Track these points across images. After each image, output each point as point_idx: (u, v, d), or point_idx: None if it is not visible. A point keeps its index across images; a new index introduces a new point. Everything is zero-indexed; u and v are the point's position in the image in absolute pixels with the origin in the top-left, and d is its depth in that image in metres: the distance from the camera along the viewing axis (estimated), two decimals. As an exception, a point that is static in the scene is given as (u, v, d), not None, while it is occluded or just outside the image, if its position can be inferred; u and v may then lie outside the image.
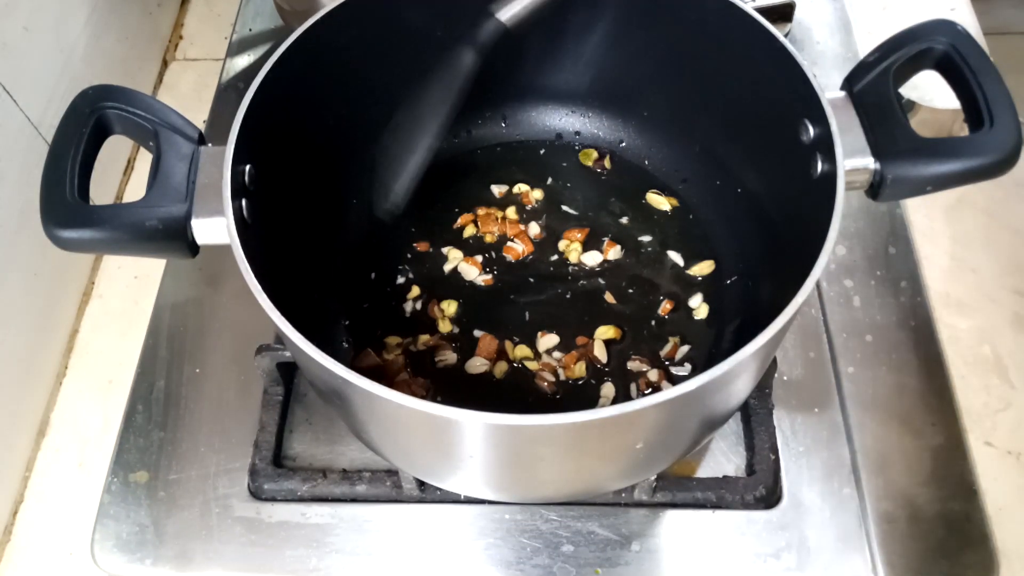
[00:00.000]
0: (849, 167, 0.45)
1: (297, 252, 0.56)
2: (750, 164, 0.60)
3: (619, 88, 0.66)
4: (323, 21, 0.52)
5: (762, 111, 0.54)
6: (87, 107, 0.46)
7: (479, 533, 0.57)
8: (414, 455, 0.50)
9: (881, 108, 0.46)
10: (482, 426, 0.39)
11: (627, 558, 0.56)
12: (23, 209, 0.81)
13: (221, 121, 0.78)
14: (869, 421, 0.60)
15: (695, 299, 0.62)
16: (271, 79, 0.49)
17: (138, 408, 0.63)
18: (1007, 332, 0.70)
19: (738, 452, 0.60)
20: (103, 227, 0.43)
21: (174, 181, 0.45)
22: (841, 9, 0.85)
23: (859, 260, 0.68)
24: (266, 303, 0.41)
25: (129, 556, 0.57)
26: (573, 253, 0.64)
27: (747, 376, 0.46)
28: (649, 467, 0.52)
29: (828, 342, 0.64)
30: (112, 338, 0.91)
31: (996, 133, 0.43)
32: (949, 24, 0.47)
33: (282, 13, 0.83)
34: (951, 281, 0.71)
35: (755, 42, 0.51)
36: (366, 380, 0.38)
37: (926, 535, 0.56)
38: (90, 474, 0.82)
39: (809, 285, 0.41)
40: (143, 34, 1.09)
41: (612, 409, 0.37)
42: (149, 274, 0.82)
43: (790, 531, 0.56)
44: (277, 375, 0.62)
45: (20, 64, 0.82)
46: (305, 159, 0.57)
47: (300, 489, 0.59)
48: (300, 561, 0.56)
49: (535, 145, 0.70)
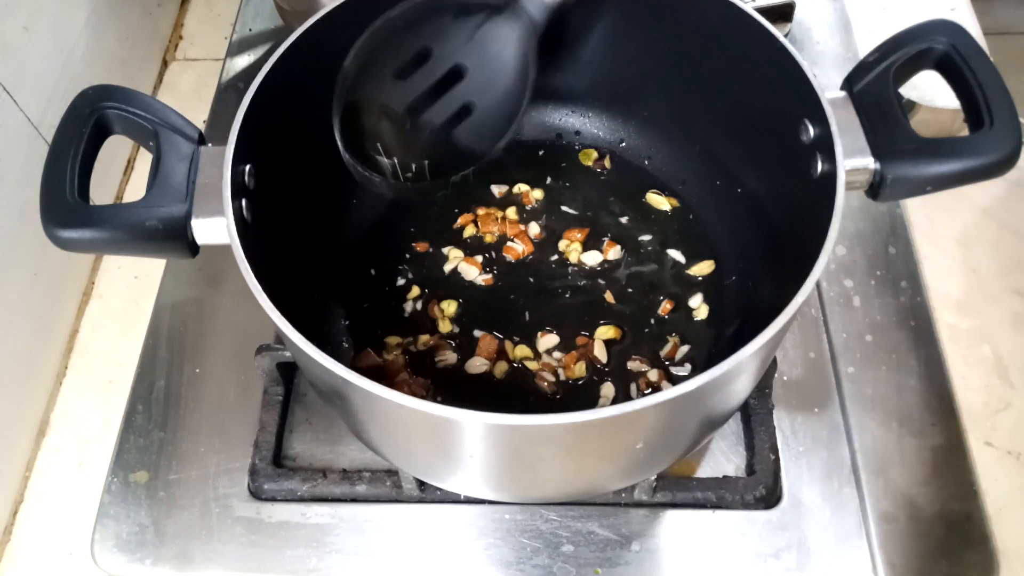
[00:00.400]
0: (849, 167, 0.44)
1: (297, 252, 0.56)
2: (750, 164, 0.60)
3: (619, 88, 0.66)
4: (323, 21, 0.52)
5: (762, 111, 0.54)
6: (87, 107, 0.46)
7: (479, 533, 0.57)
8: (414, 455, 0.50)
9: (881, 108, 0.46)
10: (482, 426, 0.39)
11: (627, 558, 0.56)
12: (23, 209, 0.81)
13: (221, 121, 0.78)
14: (869, 421, 0.60)
15: (695, 299, 0.62)
16: (271, 79, 0.49)
17: (138, 408, 0.63)
18: (1007, 332, 0.70)
19: (738, 452, 0.60)
20: (103, 227, 0.43)
21: (174, 181, 0.45)
22: (841, 9, 0.85)
23: (859, 260, 0.68)
24: (266, 303, 0.41)
25: (129, 556, 0.57)
26: (573, 253, 0.64)
27: (747, 376, 0.46)
28: (649, 467, 0.52)
29: (828, 342, 0.64)
30: (112, 338, 0.91)
31: (996, 133, 0.43)
32: (949, 24, 0.47)
33: (282, 13, 0.83)
34: (951, 281, 0.71)
35: (755, 42, 0.51)
36: (366, 380, 0.38)
37: (926, 535, 0.56)
38: (90, 474, 0.83)
39: (809, 285, 0.41)
40: (143, 34, 1.09)
41: (612, 409, 0.37)
42: (149, 274, 0.82)
43: (790, 531, 0.56)
44: (277, 375, 0.62)
45: (20, 64, 0.82)
46: (305, 159, 0.57)
47: (300, 489, 0.59)
48: (300, 561, 0.56)
49: (535, 145, 0.70)
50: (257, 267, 0.42)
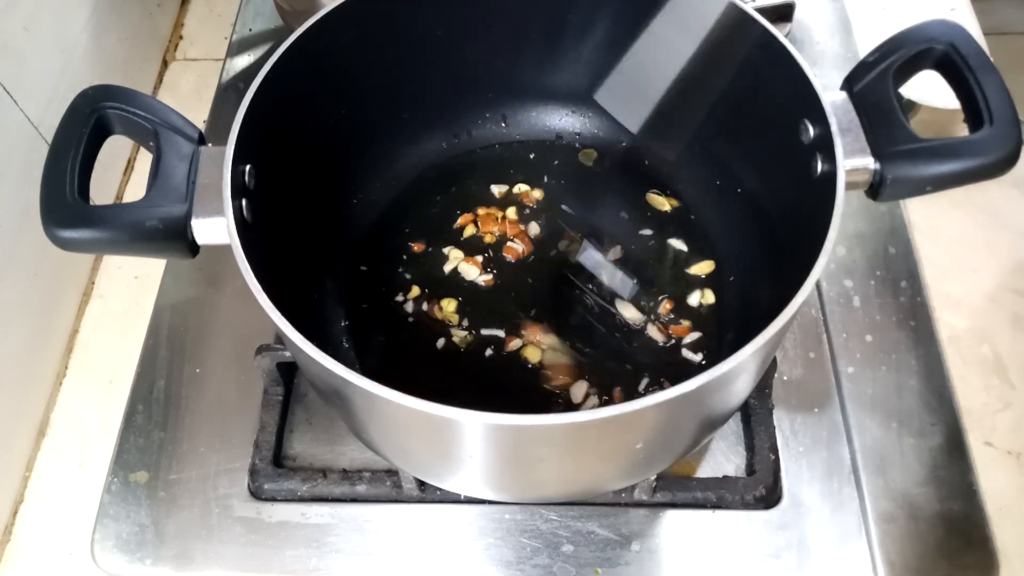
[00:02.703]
0: (849, 167, 0.45)
1: (297, 252, 0.56)
2: (750, 164, 0.60)
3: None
4: (323, 21, 0.52)
5: (762, 111, 0.54)
6: (87, 107, 0.46)
7: (479, 533, 0.57)
8: (414, 455, 0.50)
9: (881, 108, 0.46)
10: (482, 426, 0.39)
11: (627, 558, 0.56)
12: (23, 209, 0.81)
13: (221, 121, 0.78)
14: (869, 421, 0.60)
15: (694, 298, 0.62)
16: (271, 79, 0.49)
17: (138, 408, 0.63)
18: (1007, 332, 0.70)
19: (738, 452, 0.60)
20: (103, 227, 0.43)
21: (174, 181, 0.45)
22: (841, 9, 0.85)
23: (859, 260, 0.68)
24: (266, 303, 0.41)
25: (129, 556, 0.57)
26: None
27: (747, 376, 0.46)
28: (649, 467, 0.52)
29: (828, 342, 0.64)
30: (112, 338, 0.91)
31: (996, 133, 0.43)
32: (949, 24, 0.47)
33: (282, 13, 0.83)
34: (951, 281, 0.72)
35: (755, 42, 0.51)
36: (366, 380, 0.38)
37: (926, 535, 0.56)
38: (90, 474, 0.83)
39: (809, 285, 0.41)
40: (143, 34, 1.09)
41: (612, 409, 0.37)
42: (149, 274, 0.82)
43: (790, 531, 0.56)
44: (277, 375, 0.62)
45: (20, 64, 0.82)
46: (305, 159, 0.57)
47: (300, 489, 0.59)
48: (300, 561, 0.56)
49: (535, 145, 0.70)
50: (257, 267, 0.42)
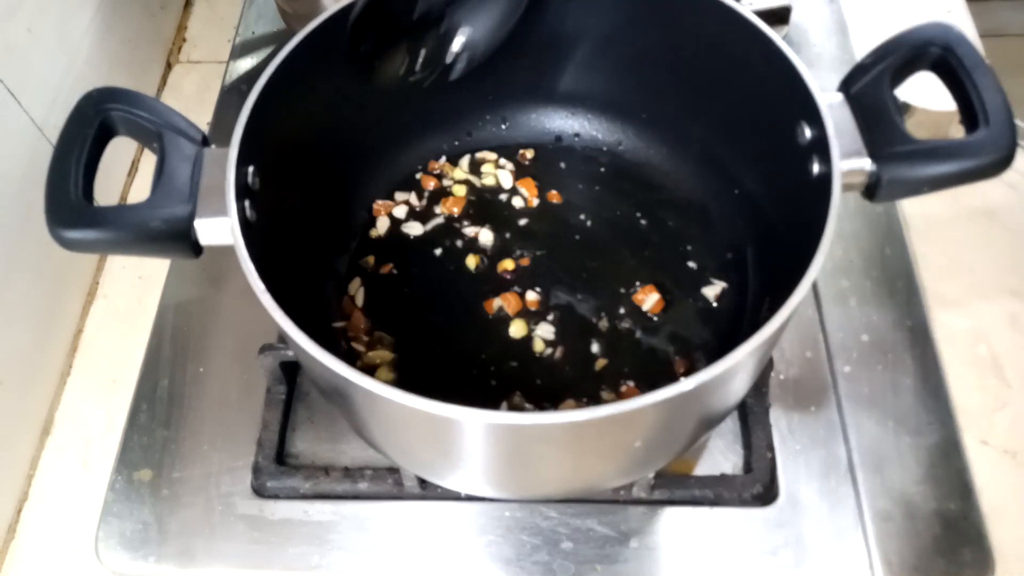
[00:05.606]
0: (845, 168, 0.45)
1: (300, 252, 0.56)
2: (748, 165, 0.60)
3: (618, 90, 0.67)
4: (325, 24, 0.53)
5: (759, 113, 0.54)
6: (91, 109, 0.46)
7: (480, 530, 0.57)
8: (415, 453, 0.51)
9: (877, 110, 0.46)
10: (482, 425, 0.39)
11: (626, 555, 0.56)
12: (27, 210, 0.82)
13: (224, 123, 0.79)
14: (865, 420, 0.61)
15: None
16: (274, 81, 0.50)
17: (142, 407, 0.64)
18: (1003, 332, 0.70)
19: (735, 450, 0.60)
20: (107, 228, 0.43)
21: (178, 182, 0.45)
22: (837, 12, 0.85)
23: (855, 260, 0.68)
24: (269, 303, 0.41)
25: (133, 553, 0.58)
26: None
27: (744, 375, 0.46)
28: (647, 465, 0.52)
29: (824, 341, 0.64)
30: (116, 338, 0.91)
31: (991, 134, 0.44)
32: (945, 26, 0.47)
33: (284, 16, 0.84)
34: (947, 281, 0.72)
35: (752, 45, 0.51)
36: (368, 379, 0.38)
37: (922, 533, 0.56)
38: (94, 472, 0.83)
39: (806, 285, 0.41)
40: (147, 36, 1.10)
41: (611, 408, 0.37)
42: (153, 274, 0.82)
43: (787, 528, 0.57)
44: (280, 374, 0.62)
45: (24, 66, 0.83)
46: (308, 160, 0.57)
47: (302, 487, 0.59)
48: (302, 558, 0.57)
49: (535, 146, 0.70)
50: (260, 267, 0.42)
